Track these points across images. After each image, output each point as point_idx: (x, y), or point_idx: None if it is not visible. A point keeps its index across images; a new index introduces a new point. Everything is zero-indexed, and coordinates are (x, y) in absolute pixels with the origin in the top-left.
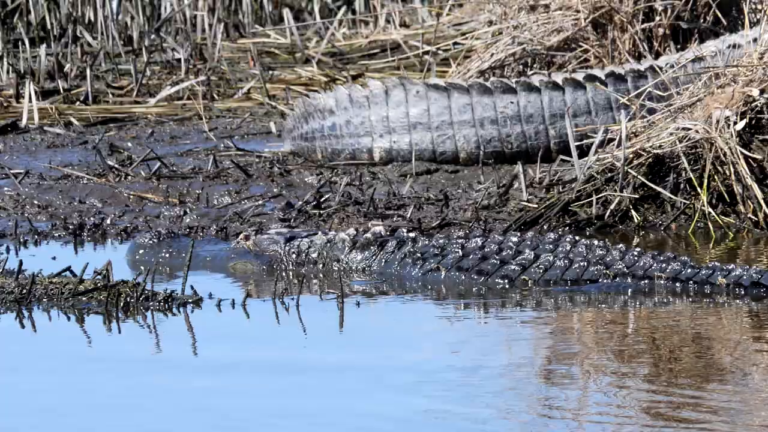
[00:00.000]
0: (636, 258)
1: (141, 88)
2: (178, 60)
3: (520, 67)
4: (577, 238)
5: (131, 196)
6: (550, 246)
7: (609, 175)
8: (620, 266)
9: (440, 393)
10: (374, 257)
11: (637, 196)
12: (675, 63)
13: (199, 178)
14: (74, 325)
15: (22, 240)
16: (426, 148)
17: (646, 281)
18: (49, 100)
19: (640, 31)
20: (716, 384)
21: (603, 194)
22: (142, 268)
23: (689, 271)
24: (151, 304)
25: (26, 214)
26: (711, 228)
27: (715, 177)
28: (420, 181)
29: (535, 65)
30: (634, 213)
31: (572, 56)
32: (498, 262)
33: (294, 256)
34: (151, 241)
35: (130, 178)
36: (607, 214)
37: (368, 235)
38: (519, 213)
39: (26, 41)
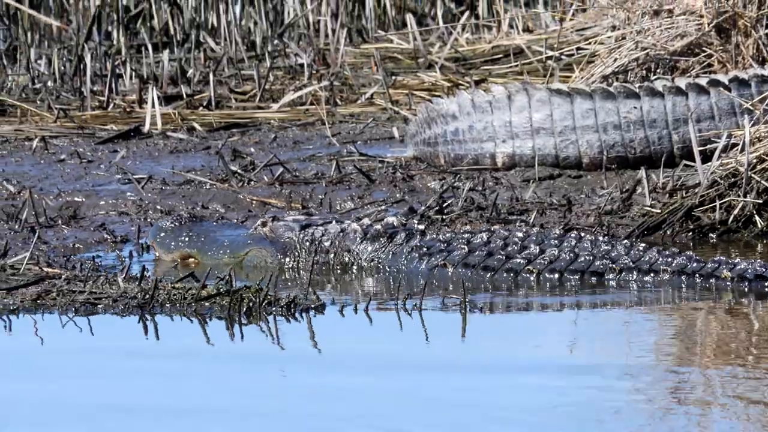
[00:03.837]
0: (641, 252)
1: (264, 93)
2: (301, 65)
3: (644, 72)
4: (582, 234)
5: (254, 201)
6: (555, 241)
7: (732, 180)
8: (626, 260)
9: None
10: (383, 248)
11: (760, 201)
12: None
13: (322, 183)
14: (197, 328)
15: (144, 245)
16: (549, 153)
17: (651, 275)
18: (172, 105)
19: (764, 35)
20: None
21: (726, 199)
22: (162, 250)
23: (695, 264)
24: (273, 309)
25: (149, 219)
26: None
27: None
28: (543, 186)
29: (658, 70)
30: (757, 218)
31: (696, 61)
32: (504, 257)
33: (308, 243)
34: (172, 225)
35: (252, 183)
36: (731, 219)
37: (378, 226)
38: (642, 218)
39: (149, 46)
